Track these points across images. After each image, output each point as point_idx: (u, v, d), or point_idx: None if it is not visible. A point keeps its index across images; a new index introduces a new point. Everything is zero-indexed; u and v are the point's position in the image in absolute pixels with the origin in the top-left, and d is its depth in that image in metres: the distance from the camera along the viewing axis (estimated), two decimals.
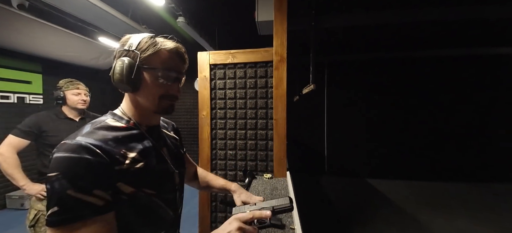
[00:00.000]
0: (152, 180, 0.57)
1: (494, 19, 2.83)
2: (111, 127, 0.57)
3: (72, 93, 1.53)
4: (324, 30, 2.87)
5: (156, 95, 0.59)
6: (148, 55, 0.57)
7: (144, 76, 0.57)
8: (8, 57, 3.22)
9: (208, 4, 2.93)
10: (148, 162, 0.58)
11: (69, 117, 1.56)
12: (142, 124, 0.62)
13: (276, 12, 1.54)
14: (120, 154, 0.53)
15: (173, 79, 0.61)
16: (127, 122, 0.60)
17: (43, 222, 1.42)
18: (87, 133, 0.51)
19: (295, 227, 0.89)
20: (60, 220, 0.44)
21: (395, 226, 2.70)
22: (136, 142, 0.58)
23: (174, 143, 0.76)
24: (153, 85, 0.58)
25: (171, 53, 0.59)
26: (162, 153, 0.65)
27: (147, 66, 0.57)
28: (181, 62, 0.62)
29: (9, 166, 1.38)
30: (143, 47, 0.57)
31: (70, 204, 0.44)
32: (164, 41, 0.60)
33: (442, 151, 4.36)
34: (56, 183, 0.44)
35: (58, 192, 0.44)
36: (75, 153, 0.46)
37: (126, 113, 0.62)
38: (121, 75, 0.56)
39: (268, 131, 1.63)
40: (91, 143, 0.49)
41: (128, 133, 0.58)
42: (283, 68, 1.54)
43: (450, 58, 4.17)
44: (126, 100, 0.63)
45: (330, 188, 4.11)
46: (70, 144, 0.48)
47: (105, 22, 2.54)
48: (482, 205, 3.19)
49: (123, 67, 0.56)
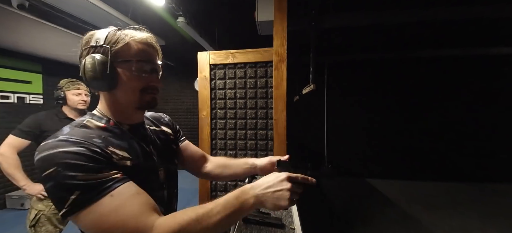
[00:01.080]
0: (140, 179, 0.54)
1: (494, 19, 2.83)
2: (91, 127, 0.54)
3: (72, 93, 1.53)
4: (324, 30, 2.87)
5: (137, 89, 0.56)
6: (119, 48, 0.54)
7: (119, 71, 0.54)
8: (8, 57, 3.22)
9: (208, 4, 2.93)
10: (135, 160, 0.56)
11: (70, 117, 1.56)
12: (123, 123, 0.60)
13: (276, 12, 1.54)
14: (106, 152, 0.50)
15: (149, 70, 0.58)
16: (107, 122, 0.57)
17: (43, 222, 1.42)
18: (68, 133, 0.49)
19: (295, 227, 0.89)
20: (88, 198, 0.44)
21: (395, 226, 2.70)
22: (120, 140, 0.56)
23: (163, 138, 0.72)
24: (131, 79, 0.55)
25: (142, 43, 0.57)
26: (147, 150, 0.62)
27: (120, 59, 0.54)
28: (154, 52, 0.59)
29: (9, 166, 1.38)
30: (112, 41, 0.54)
31: (88, 184, 0.44)
32: (132, 32, 0.57)
33: (442, 151, 4.36)
34: (59, 176, 0.43)
35: (68, 181, 0.43)
36: (64, 147, 0.45)
37: (104, 113, 0.59)
38: (94, 72, 0.53)
39: (268, 131, 1.63)
40: (76, 138, 0.48)
41: (110, 133, 0.55)
42: (283, 68, 1.54)
43: (450, 58, 4.17)
44: (103, 100, 0.59)
45: (330, 188, 4.11)
46: (55, 141, 0.46)
47: (105, 22, 2.54)
48: (482, 205, 3.19)
49: (94, 63, 0.52)
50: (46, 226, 1.42)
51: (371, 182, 4.30)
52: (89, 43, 0.55)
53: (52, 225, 1.44)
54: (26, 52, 3.32)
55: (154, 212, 0.49)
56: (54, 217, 1.45)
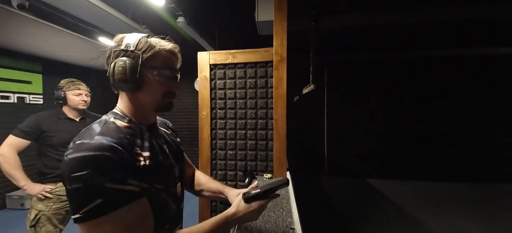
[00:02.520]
0: (161, 176, 0.61)
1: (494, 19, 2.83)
2: (119, 127, 0.58)
3: (73, 93, 1.53)
4: (324, 30, 2.87)
5: (160, 93, 0.62)
6: (149, 56, 0.59)
7: (147, 76, 0.59)
8: (8, 57, 3.22)
9: (208, 4, 2.93)
10: (156, 158, 0.60)
11: (70, 117, 1.56)
12: (142, 123, 0.64)
13: (276, 12, 1.54)
14: (134, 151, 0.55)
15: (172, 77, 0.64)
16: (129, 121, 0.61)
17: (43, 222, 1.42)
18: (102, 133, 0.52)
19: (295, 227, 0.89)
20: (107, 210, 0.46)
21: (395, 226, 2.70)
22: (142, 140, 0.60)
23: (173, 139, 0.78)
24: (156, 84, 0.60)
25: (169, 53, 0.63)
26: (164, 149, 0.67)
27: (149, 65, 0.59)
28: (177, 61, 0.67)
29: (10, 167, 1.38)
30: (143, 48, 0.59)
31: (113, 194, 0.47)
32: (161, 42, 0.62)
33: (442, 151, 4.36)
34: (90, 180, 0.45)
35: (96, 187, 0.46)
36: (100, 151, 0.48)
37: (125, 113, 0.63)
38: (124, 75, 0.57)
39: (268, 131, 1.63)
40: (112, 141, 0.50)
41: (133, 132, 0.59)
42: (283, 68, 1.54)
43: (450, 58, 4.17)
44: (124, 100, 0.63)
45: (330, 188, 4.11)
46: (91, 143, 0.49)
47: (105, 22, 2.54)
48: (482, 205, 3.19)
49: (125, 67, 0.57)
50: (46, 226, 1.42)
51: (371, 182, 4.30)
52: (119, 46, 0.59)
53: (52, 225, 1.44)
54: (26, 52, 3.32)
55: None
56: (54, 217, 1.45)
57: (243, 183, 1.45)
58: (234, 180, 1.69)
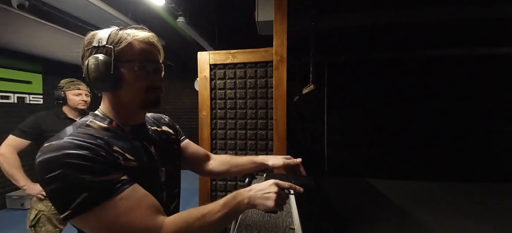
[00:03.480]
0: (142, 180, 0.54)
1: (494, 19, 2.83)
2: (94, 128, 0.54)
3: (73, 93, 1.53)
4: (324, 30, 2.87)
5: (142, 88, 0.56)
6: (122, 48, 0.54)
7: (123, 71, 0.54)
8: (8, 57, 3.22)
9: (208, 4, 2.93)
10: (140, 160, 0.56)
11: (70, 117, 1.56)
12: (125, 123, 0.59)
13: (276, 12, 1.54)
14: (112, 151, 0.50)
15: (153, 70, 0.58)
16: (110, 123, 0.57)
17: (43, 222, 1.42)
18: (72, 134, 0.49)
19: (295, 227, 0.89)
20: (96, 200, 0.44)
21: (395, 226, 2.70)
22: (123, 141, 0.55)
23: (165, 138, 0.72)
24: (135, 78, 0.55)
25: (145, 43, 0.57)
26: (150, 151, 0.62)
27: (124, 59, 0.54)
28: (156, 51, 0.59)
29: (9, 166, 1.38)
30: (114, 41, 0.54)
31: (97, 185, 0.44)
32: (135, 31, 0.57)
33: (442, 151, 4.36)
34: (66, 178, 0.43)
35: (75, 183, 0.43)
36: (68, 150, 0.44)
37: (107, 114, 0.59)
38: (98, 73, 0.52)
39: (268, 131, 1.63)
40: (82, 140, 0.47)
41: (113, 134, 0.55)
42: (283, 68, 1.54)
43: (450, 58, 4.17)
44: (105, 101, 0.59)
45: (330, 188, 4.11)
46: (59, 143, 0.45)
47: (105, 22, 2.54)
48: (482, 205, 3.19)
49: (98, 64, 0.52)
50: (46, 226, 1.42)
51: (371, 182, 4.30)
52: (91, 43, 0.55)
53: (52, 225, 1.44)
54: (26, 52, 3.31)
55: (160, 213, 0.52)
56: (54, 217, 1.45)
57: (243, 183, 1.45)
58: (234, 180, 1.69)
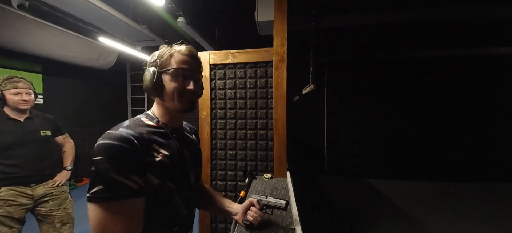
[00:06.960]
0: (175, 176, 0.64)
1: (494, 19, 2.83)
2: (145, 125, 0.65)
3: (10, 92, 1.40)
4: (324, 30, 2.87)
5: (175, 92, 0.65)
6: (165, 60, 0.65)
7: (163, 79, 0.65)
8: (8, 57, 3.22)
9: (208, 4, 2.93)
10: (172, 158, 0.64)
11: (13, 118, 1.43)
12: (168, 125, 0.69)
13: (276, 12, 1.54)
14: (151, 147, 0.60)
15: (187, 76, 0.66)
16: (157, 122, 0.67)
17: None
18: (127, 126, 0.59)
19: (295, 227, 0.89)
20: (103, 197, 0.51)
21: (395, 226, 2.70)
22: (164, 139, 0.65)
23: (194, 146, 0.81)
24: (170, 85, 0.64)
25: (184, 54, 0.66)
26: (184, 152, 0.70)
27: (165, 69, 0.65)
28: (194, 62, 0.68)
29: None
30: (160, 54, 0.66)
31: (113, 184, 0.51)
32: (178, 46, 0.68)
33: (442, 151, 4.36)
34: (100, 166, 0.51)
35: (103, 173, 0.51)
36: (117, 141, 0.53)
37: (155, 114, 0.69)
38: (147, 82, 0.66)
39: (268, 131, 1.63)
40: (130, 134, 0.56)
41: (157, 131, 0.65)
42: (283, 68, 1.54)
43: (450, 58, 4.17)
44: (155, 104, 0.71)
45: (330, 188, 4.11)
46: (113, 133, 0.55)
47: (105, 22, 2.54)
48: (482, 205, 3.19)
49: (147, 74, 0.66)
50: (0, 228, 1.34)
51: (371, 182, 4.30)
52: (152, 59, 0.68)
53: (6, 227, 1.35)
54: (26, 52, 3.31)
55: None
56: (7, 219, 1.35)
57: (243, 183, 1.45)
58: (234, 180, 1.69)
